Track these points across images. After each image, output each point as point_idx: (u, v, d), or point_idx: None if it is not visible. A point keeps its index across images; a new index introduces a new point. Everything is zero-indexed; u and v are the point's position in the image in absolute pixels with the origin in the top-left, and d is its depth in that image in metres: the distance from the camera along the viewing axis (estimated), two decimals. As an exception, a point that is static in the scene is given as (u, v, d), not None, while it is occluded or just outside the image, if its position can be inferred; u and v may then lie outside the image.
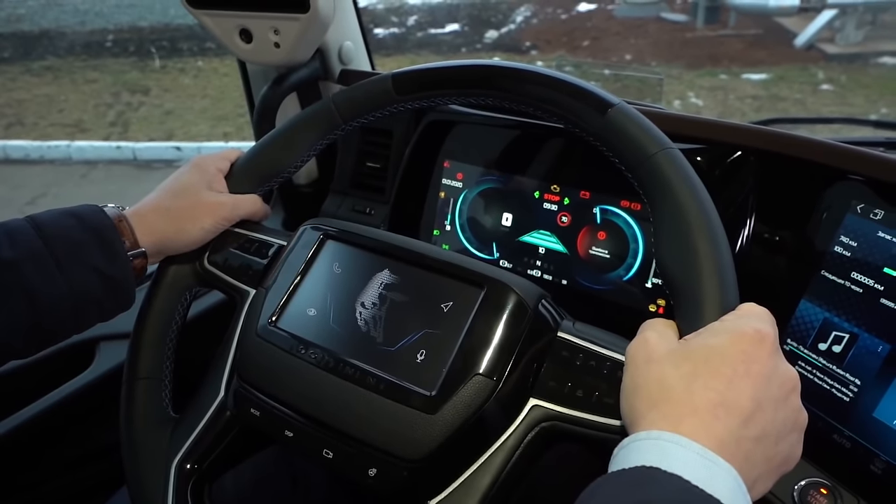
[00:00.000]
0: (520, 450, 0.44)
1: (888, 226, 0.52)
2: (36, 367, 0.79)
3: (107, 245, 0.49)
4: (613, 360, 0.43)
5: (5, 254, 0.46)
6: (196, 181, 0.56)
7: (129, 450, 0.54)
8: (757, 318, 0.37)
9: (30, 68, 5.48)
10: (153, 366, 0.56)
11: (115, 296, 0.50)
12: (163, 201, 0.54)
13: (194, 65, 5.35)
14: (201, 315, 0.87)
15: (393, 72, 0.54)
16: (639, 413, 0.35)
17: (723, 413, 0.33)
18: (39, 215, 0.49)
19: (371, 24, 5.89)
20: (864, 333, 0.52)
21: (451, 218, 0.77)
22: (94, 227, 0.49)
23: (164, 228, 0.53)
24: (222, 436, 0.53)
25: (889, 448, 0.50)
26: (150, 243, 0.52)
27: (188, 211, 0.54)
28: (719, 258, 0.39)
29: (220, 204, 0.55)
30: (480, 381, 0.43)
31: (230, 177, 0.59)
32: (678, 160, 0.43)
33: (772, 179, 0.61)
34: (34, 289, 0.46)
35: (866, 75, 4.46)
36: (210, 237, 0.56)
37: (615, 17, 5.97)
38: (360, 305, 0.49)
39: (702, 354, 0.35)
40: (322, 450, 0.46)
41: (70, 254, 0.47)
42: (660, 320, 0.40)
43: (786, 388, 0.36)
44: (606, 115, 0.45)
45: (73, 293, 0.47)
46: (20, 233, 0.47)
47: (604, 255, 0.68)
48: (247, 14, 0.72)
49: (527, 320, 0.45)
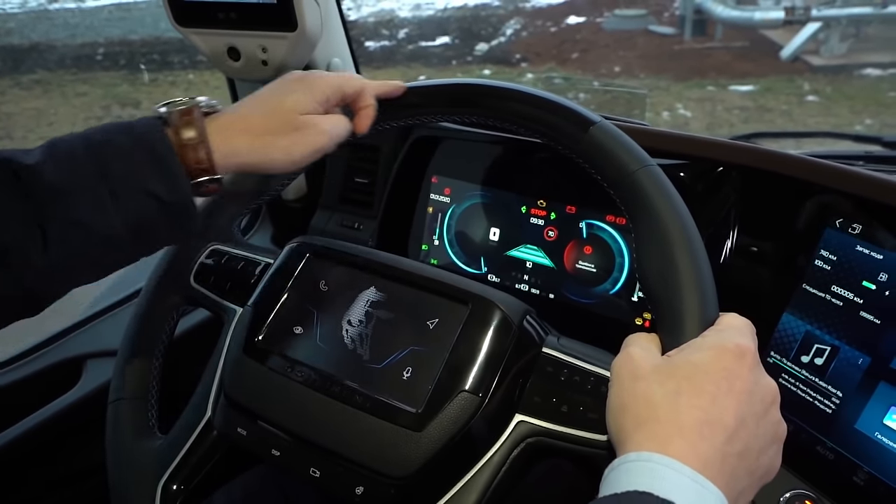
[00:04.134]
0: (506, 465, 0.44)
1: (866, 240, 0.53)
2: (23, 385, 0.78)
3: (164, 169, 0.42)
4: (597, 375, 0.44)
5: (53, 178, 0.40)
6: (301, 102, 0.47)
7: (115, 470, 0.54)
8: (737, 332, 0.38)
9: (19, 82, 5.46)
10: (139, 385, 0.56)
11: (176, 222, 0.44)
12: (254, 118, 0.46)
13: (185, 78, 5.35)
14: (189, 333, 0.86)
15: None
16: (626, 433, 0.35)
17: (708, 431, 0.33)
18: (91, 131, 0.43)
19: (361, 36, 5.92)
20: (845, 346, 0.53)
21: (439, 232, 0.77)
22: (151, 147, 0.42)
23: (249, 156, 0.45)
24: (209, 455, 0.52)
25: (871, 459, 0.51)
26: (228, 169, 0.45)
27: (282, 137, 0.46)
28: (699, 273, 0.40)
29: (320, 132, 0.47)
30: (466, 398, 0.43)
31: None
32: (658, 177, 0.43)
33: (753, 194, 0.62)
34: (85, 219, 0.40)
35: (851, 86, 4.53)
36: (298, 169, 0.49)
37: (604, 29, 6.04)
38: (346, 323, 0.49)
39: (686, 371, 0.36)
40: (309, 469, 0.46)
41: (123, 179, 0.41)
42: (643, 335, 0.40)
43: (766, 402, 0.36)
44: (588, 133, 0.46)
45: (129, 222, 0.42)
46: (69, 154, 0.41)
47: (590, 269, 0.69)
48: (235, 32, 0.73)
49: (511, 336, 0.45)
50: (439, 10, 6.81)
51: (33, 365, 0.81)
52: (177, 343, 0.59)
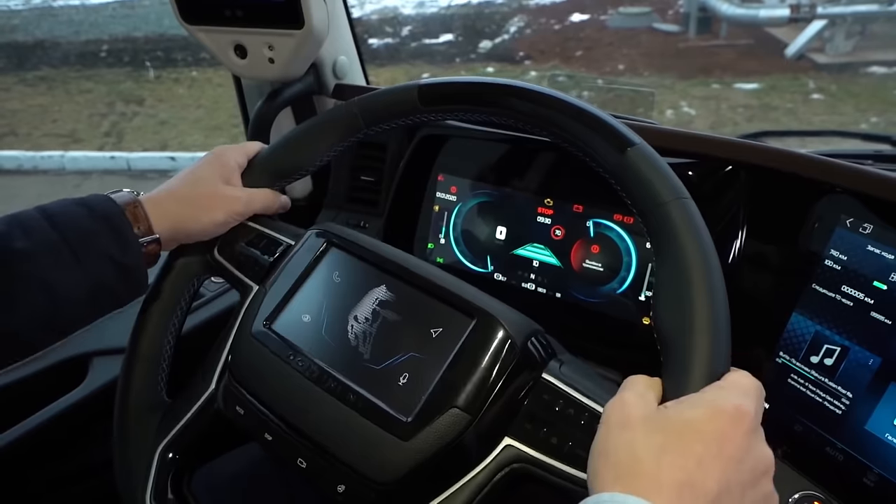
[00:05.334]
0: (487, 488, 0.44)
1: (877, 240, 0.52)
2: (28, 383, 0.78)
3: (118, 233, 0.49)
4: (592, 410, 0.43)
5: (21, 245, 0.45)
6: (213, 173, 0.56)
7: (121, 428, 0.55)
8: (741, 393, 0.36)
9: (24, 78, 5.47)
10: (154, 347, 0.56)
11: (128, 283, 0.50)
12: (179, 189, 0.55)
13: (189, 75, 5.35)
14: (208, 309, 0.86)
15: (419, 82, 0.54)
16: (602, 481, 0.34)
17: (688, 494, 0.32)
18: (49, 206, 0.49)
19: (365, 34, 5.91)
20: (855, 346, 0.52)
21: (445, 231, 0.77)
22: (105, 215, 0.49)
23: (178, 215, 0.53)
24: (207, 429, 0.53)
25: (881, 461, 0.50)
26: (164, 229, 0.53)
27: (203, 201, 0.55)
28: (716, 323, 0.38)
29: (235, 198, 0.56)
30: (456, 415, 0.43)
31: (247, 171, 0.59)
32: (690, 212, 0.42)
33: (762, 193, 0.62)
34: (51, 279, 0.46)
35: (856, 84, 4.51)
36: (221, 230, 0.56)
37: (608, 27, 6.02)
38: (353, 318, 0.49)
39: (676, 427, 0.34)
40: (297, 458, 0.46)
41: (83, 243, 0.47)
42: (643, 379, 0.39)
43: (757, 472, 0.34)
44: (625, 154, 0.44)
45: (89, 282, 0.47)
46: (32, 223, 0.47)
47: (597, 269, 0.68)
48: (241, 30, 0.73)
49: (512, 357, 0.44)
50: (443, 8, 6.80)
51: (39, 363, 0.81)
52: (201, 322, 0.59)
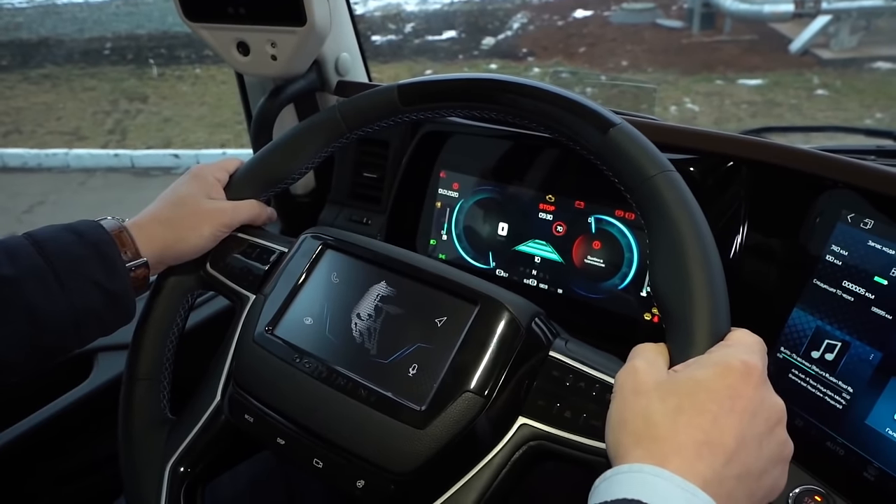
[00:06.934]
0: (507, 468, 0.44)
1: (878, 235, 0.52)
2: (34, 378, 0.79)
3: (106, 259, 0.49)
4: (603, 382, 0.43)
5: (5, 271, 0.46)
6: (194, 191, 0.56)
7: (127, 450, 0.55)
8: (746, 349, 0.37)
9: (28, 76, 5.48)
10: (153, 367, 0.56)
11: (115, 309, 0.50)
12: (162, 211, 0.55)
13: (192, 72, 5.36)
14: (203, 320, 0.87)
15: (398, 83, 0.55)
16: (624, 449, 0.35)
17: (707, 452, 0.33)
18: (37, 232, 0.49)
19: (368, 31, 5.91)
20: (856, 341, 0.53)
21: (447, 227, 0.77)
22: (93, 241, 0.49)
23: (165, 237, 0.54)
24: (217, 440, 0.53)
25: (882, 455, 0.51)
26: (151, 253, 0.53)
27: (187, 220, 0.55)
28: (712, 286, 0.39)
29: (220, 210, 0.56)
30: (470, 398, 0.43)
31: (229, 186, 0.59)
32: (676, 183, 0.43)
33: (764, 189, 0.62)
34: (36, 306, 0.46)
35: (861, 80, 4.49)
36: (210, 245, 0.57)
37: (611, 23, 6.00)
38: (355, 316, 0.49)
39: (688, 388, 0.35)
40: (312, 459, 0.47)
41: (70, 270, 0.48)
42: (650, 346, 0.40)
43: (771, 422, 0.35)
44: (607, 135, 0.45)
45: (74, 309, 0.48)
46: (19, 250, 0.47)
47: (599, 264, 0.68)
48: (244, 27, 0.73)
49: (519, 338, 0.45)
50: (446, 4, 6.79)
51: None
52: (192, 329, 0.59)
